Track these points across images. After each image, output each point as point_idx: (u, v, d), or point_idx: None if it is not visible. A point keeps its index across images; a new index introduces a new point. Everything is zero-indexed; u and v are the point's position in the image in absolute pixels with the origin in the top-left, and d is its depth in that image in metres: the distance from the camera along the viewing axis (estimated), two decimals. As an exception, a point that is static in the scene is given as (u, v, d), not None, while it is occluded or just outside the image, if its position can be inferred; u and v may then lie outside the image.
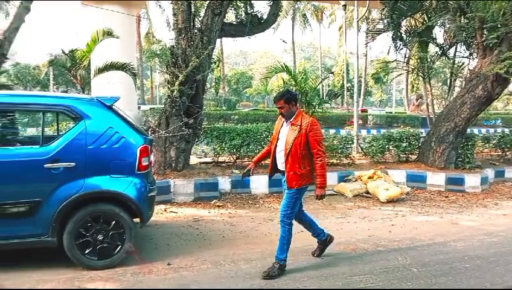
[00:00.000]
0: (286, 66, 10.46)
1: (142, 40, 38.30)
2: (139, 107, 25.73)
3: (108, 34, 9.06)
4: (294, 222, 4.55)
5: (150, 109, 29.23)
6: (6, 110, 4.89)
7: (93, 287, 4.05)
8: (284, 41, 39.33)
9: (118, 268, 4.46)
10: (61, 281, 4.13)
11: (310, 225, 4.86)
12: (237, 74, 54.44)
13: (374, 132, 19.22)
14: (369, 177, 8.80)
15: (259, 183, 8.62)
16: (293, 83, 10.27)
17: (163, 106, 9.81)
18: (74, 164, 4.37)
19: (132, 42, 20.76)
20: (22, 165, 4.28)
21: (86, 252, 4.38)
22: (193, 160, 9.56)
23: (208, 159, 10.05)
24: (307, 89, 10.15)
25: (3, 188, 4.22)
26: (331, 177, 9.07)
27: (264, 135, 9.16)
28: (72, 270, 4.36)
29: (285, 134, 4.50)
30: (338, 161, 10.09)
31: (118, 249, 4.51)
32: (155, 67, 46.32)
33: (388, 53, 12.29)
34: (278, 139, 4.59)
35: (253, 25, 10.02)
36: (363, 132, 20.29)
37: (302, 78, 10.37)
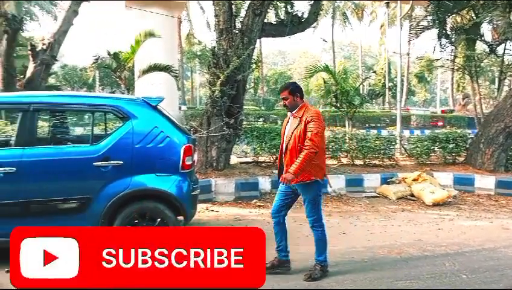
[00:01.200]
0: (326, 66, 10.37)
1: (182, 41, 39.03)
2: (179, 108, 26.27)
3: (150, 34, 9.32)
4: (324, 222, 4.38)
5: (188, 108, 29.89)
6: (58, 110, 5.14)
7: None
8: (324, 40, 38.88)
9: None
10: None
11: (282, 235, 4.44)
12: (276, 74, 54.29)
13: (417, 132, 18.67)
14: (414, 180, 8.54)
15: (299, 183, 8.55)
16: (333, 82, 10.16)
17: (203, 106, 9.95)
18: (122, 162, 4.49)
19: (174, 44, 21.19)
20: (73, 163, 4.45)
21: (133, 248, 4.50)
22: (233, 160, 9.63)
23: (248, 159, 10.10)
24: (348, 89, 10.01)
25: (56, 185, 4.41)
26: (374, 179, 8.90)
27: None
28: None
29: (288, 127, 4.35)
30: (381, 162, 9.87)
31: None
32: (195, 68, 47.13)
33: (434, 52, 11.91)
34: (285, 134, 4.38)
35: (293, 25, 9.97)
36: (406, 133, 19.75)
37: (342, 77, 10.24)
